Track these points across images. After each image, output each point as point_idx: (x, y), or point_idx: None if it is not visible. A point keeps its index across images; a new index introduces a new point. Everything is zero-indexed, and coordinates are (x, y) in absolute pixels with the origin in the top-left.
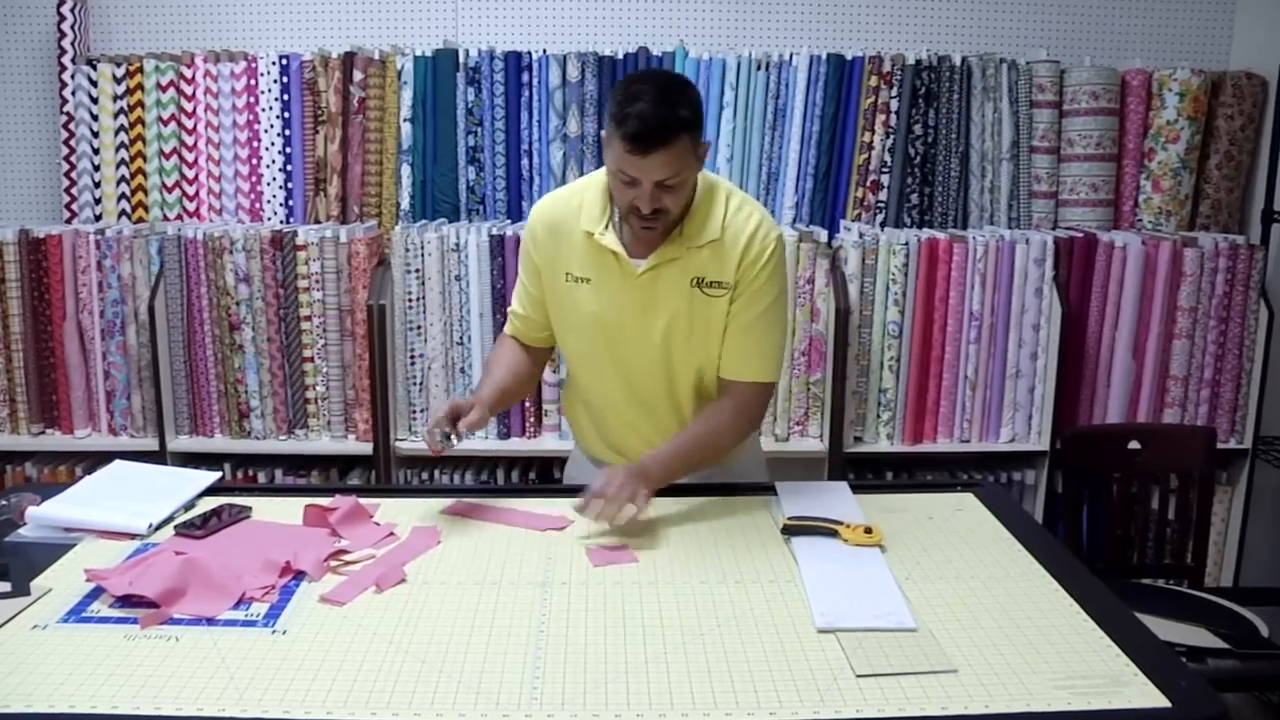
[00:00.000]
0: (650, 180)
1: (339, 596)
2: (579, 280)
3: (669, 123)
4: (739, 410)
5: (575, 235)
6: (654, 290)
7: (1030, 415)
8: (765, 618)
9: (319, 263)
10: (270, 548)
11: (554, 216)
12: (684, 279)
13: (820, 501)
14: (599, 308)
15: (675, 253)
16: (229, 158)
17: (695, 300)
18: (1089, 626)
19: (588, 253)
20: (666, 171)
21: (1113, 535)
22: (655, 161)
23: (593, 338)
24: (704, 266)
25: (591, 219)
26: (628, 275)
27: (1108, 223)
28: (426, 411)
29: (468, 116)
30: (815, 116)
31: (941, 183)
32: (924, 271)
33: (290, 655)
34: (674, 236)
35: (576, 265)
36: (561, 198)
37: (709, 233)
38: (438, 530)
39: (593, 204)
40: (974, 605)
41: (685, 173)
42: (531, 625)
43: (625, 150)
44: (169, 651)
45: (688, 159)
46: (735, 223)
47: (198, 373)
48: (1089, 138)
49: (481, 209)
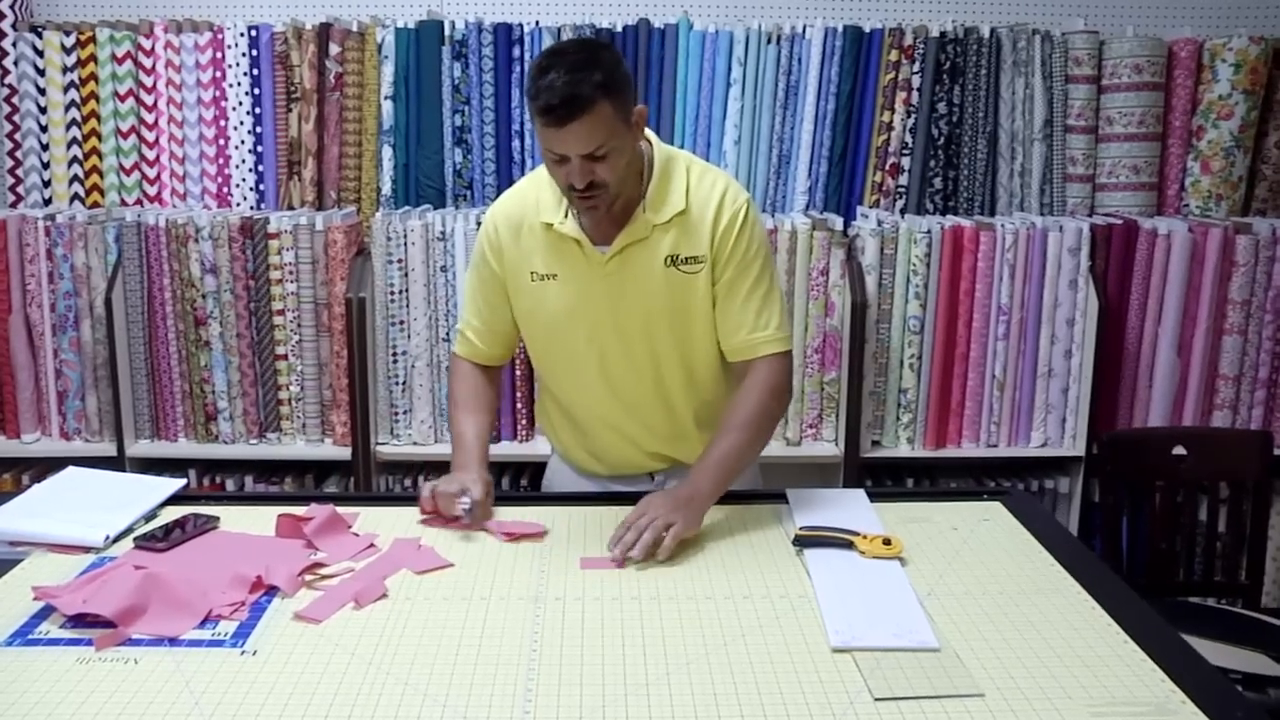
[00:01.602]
0: (575, 153)
1: (315, 614)
2: (544, 278)
3: (581, 90)
4: (766, 390)
5: (535, 230)
6: (624, 276)
7: (1064, 418)
8: (775, 636)
9: (293, 252)
10: (239, 561)
11: (512, 213)
12: (655, 260)
13: (835, 511)
14: (569, 303)
15: (641, 232)
16: (193, 138)
17: (672, 280)
18: (1130, 649)
19: (549, 246)
20: (589, 143)
21: (1156, 549)
22: (574, 133)
23: (566, 338)
24: (675, 243)
25: (549, 209)
26: (594, 264)
27: (1150, 208)
28: (410, 413)
29: (454, 94)
30: (830, 94)
31: (967, 166)
32: (948, 262)
33: (261, 678)
34: (636, 215)
35: (540, 262)
36: (516, 195)
37: (672, 206)
38: (420, 542)
39: (548, 194)
40: (1002, 624)
41: (613, 141)
42: (523, 644)
43: (543, 125)
44: (127, 675)
45: (613, 126)
46: (700, 192)
47: (160, 371)
48: (1130, 115)
49: (469, 194)
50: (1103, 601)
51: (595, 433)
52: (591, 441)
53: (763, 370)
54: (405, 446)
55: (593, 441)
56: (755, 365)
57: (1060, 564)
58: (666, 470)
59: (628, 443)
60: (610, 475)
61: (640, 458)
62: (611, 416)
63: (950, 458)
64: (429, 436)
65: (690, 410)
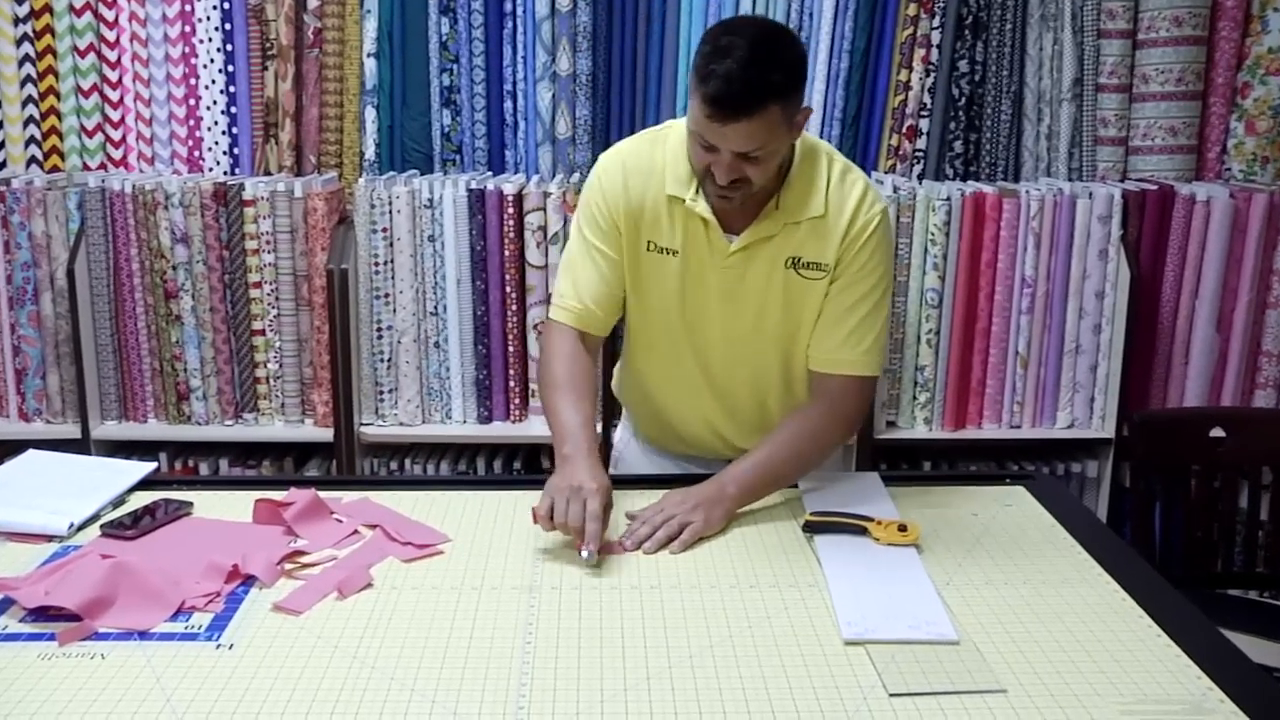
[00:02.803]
0: (730, 149)
1: (295, 604)
2: (665, 251)
3: (757, 89)
4: (833, 413)
5: (659, 198)
6: (745, 270)
7: (1092, 397)
8: (784, 628)
9: (270, 220)
10: (214, 549)
11: (641, 169)
12: (778, 258)
13: (847, 495)
14: (684, 284)
15: (772, 229)
16: (161, 97)
17: (790, 283)
18: (1163, 643)
19: (674, 221)
20: (749, 144)
21: (1192, 538)
22: (738, 131)
23: (671, 318)
24: (801, 245)
25: (679, 182)
26: (717, 252)
27: (1188, 172)
28: (395, 392)
29: (442, 51)
30: (843, 51)
31: (990, 128)
32: (968, 231)
33: (238, 673)
34: (769, 211)
35: (663, 234)
36: (640, 150)
37: (812, 208)
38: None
39: (677, 163)
40: (1026, 615)
41: (773, 144)
42: (517, 636)
43: (704, 114)
44: (93, 672)
45: (776, 130)
46: (838, 195)
47: (127, 348)
48: (1168, 72)
49: (458, 159)
50: (1134, 592)
51: (679, 417)
52: (672, 424)
53: (836, 390)
54: (391, 428)
55: (673, 424)
56: (830, 382)
57: (1088, 552)
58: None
59: (710, 431)
60: (687, 455)
61: (719, 445)
62: (700, 404)
63: (970, 440)
64: (415, 417)
65: (782, 410)
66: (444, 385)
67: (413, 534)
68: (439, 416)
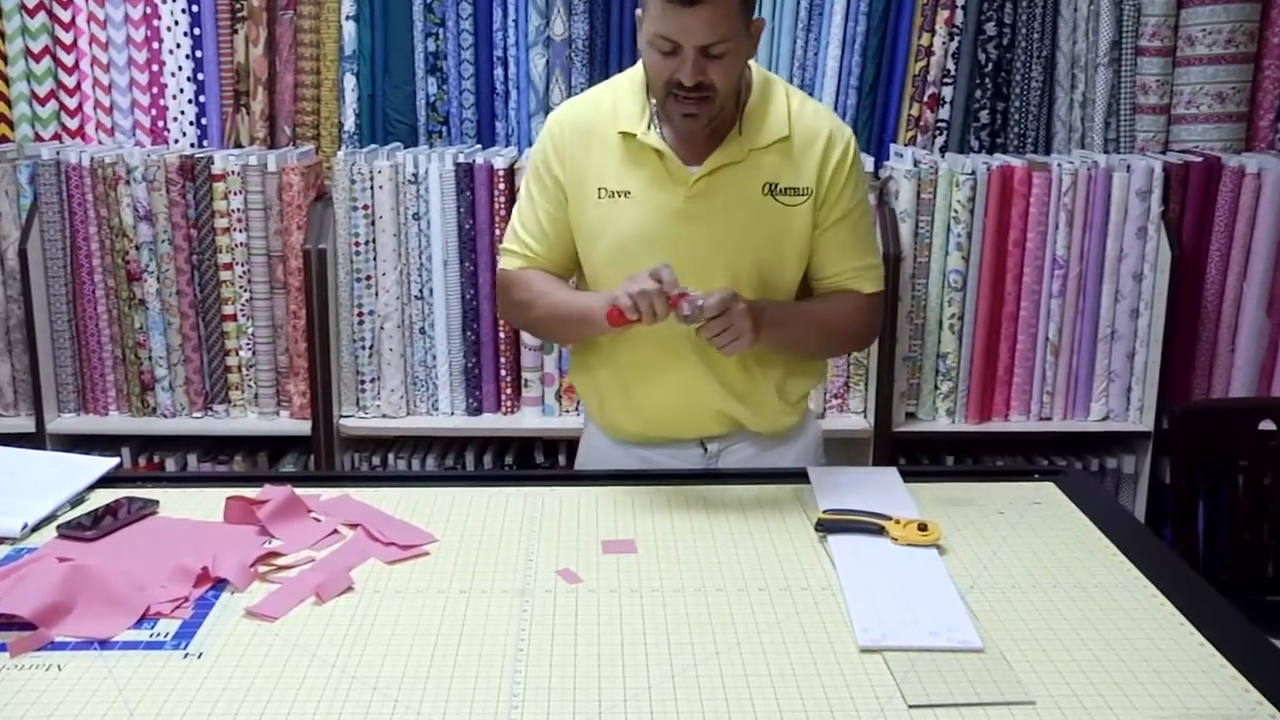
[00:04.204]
0: (693, 44)
1: (269, 610)
2: (616, 195)
3: None
4: (859, 318)
5: (609, 140)
6: (712, 201)
7: (1129, 387)
8: (795, 634)
9: (241, 197)
10: (182, 551)
11: (582, 117)
12: (752, 186)
13: (863, 492)
14: (642, 225)
15: (736, 154)
16: (121, 62)
17: (768, 211)
18: (1206, 652)
19: (625, 160)
20: (712, 32)
21: (1239, 539)
22: (700, 18)
23: (633, 266)
24: (776, 170)
25: (630, 117)
26: (679, 183)
27: (1237, 142)
28: (378, 382)
29: (427, 14)
30: (860, 13)
31: (1019, 96)
32: (995, 208)
33: (207, 685)
34: (732, 136)
35: (611, 177)
36: (587, 100)
37: (773, 130)
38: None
39: (628, 102)
40: (1056, 621)
41: (734, 40)
42: (508, 644)
43: (667, 2)
44: (49, 685)
45: (736, 24)
46: (803, 119)
47: (86, 334)
48: (1216, 33)
49: (445, 130)
50: (1174, 598)
51: (650, 385)
52: (642, 397)
53: (855, 299)
54: (373, 420)
55: (644, 396)
56: (849, 293)
57: (1124, 554)
58: (724, 436)
59: (686, 397)
60: (655, 441)
61: (697, 416)
62: (675, 364)
63: (996, 432)
64: (399, 408)
65: (762, 356)
66: (430, 374)
67: (396, 534)
68: (424, 408)
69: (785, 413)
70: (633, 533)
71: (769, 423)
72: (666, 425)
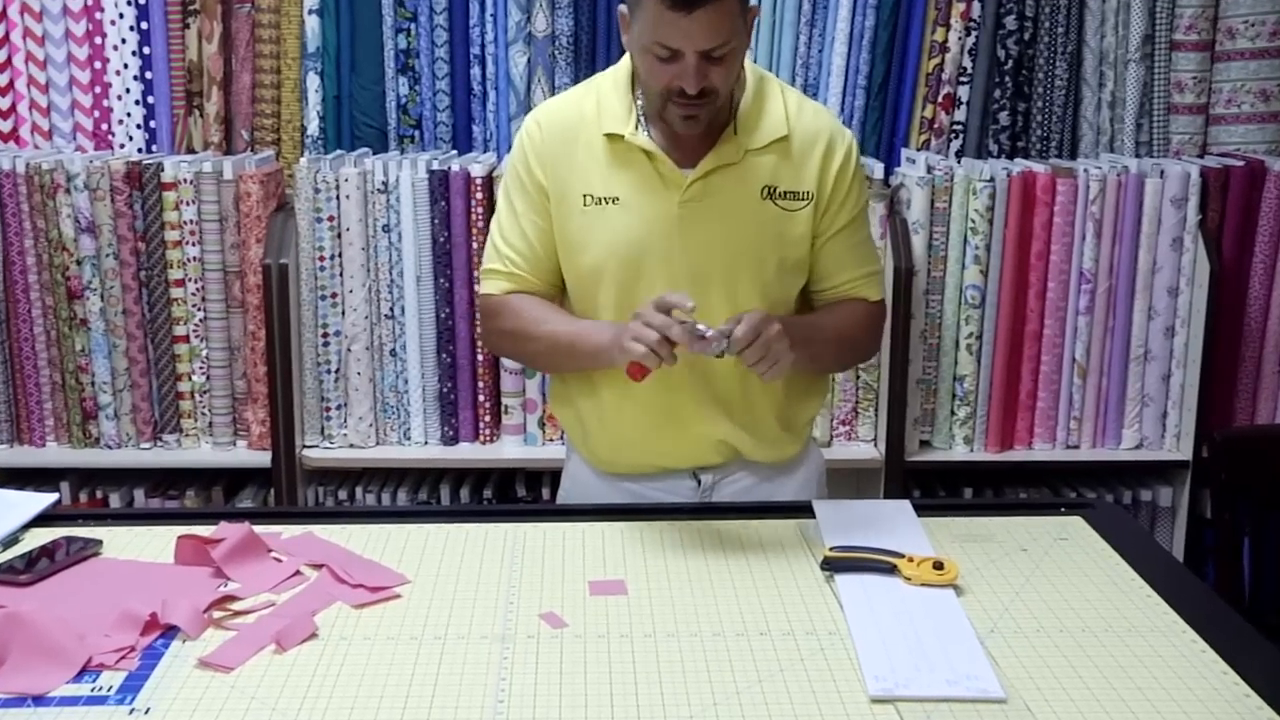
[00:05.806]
0: (695, 49)
1: (225, 659)
2: (603, 201)
3: None
4: (863, 321)
5: (593, 144)
6: (707, 206)
7: (1165, 412)
8: (800, 683)
9: (194, 207)
10: (128, 595)
11: (564, 119)
12: (750, 189)
13: (874, 527)
14: (634, 233)
15: (732, 155)
16: (60, 59)
17: (767, 215)
18: (1252, 704)
19: (612, 164)
20: (714, 36)
21: None
22: (701, 22)
23: (622, 276)
24: (774, 173)
25: (615, 118)
26: (672, 186)
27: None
28: (344, 409)
29: (398, 9)
30: (869, 7)
31: (1042, 95)
32: (1016, 217)
33: None
34: (727, 136)
35: (598, 182)
36: (567, 101)
37: (770, 130)
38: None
39: (612, 101)
40: (1085, 669)
41: (734, 41)
42: (486, 695)
43: (666, 8)
44: None
45: (737, 25)
46: (802, 120)
47: (20, 358)
48: (1259, 25)
49: (417, 135)
50: (1215, 643)
51: (638, 412)
52: (630, 425)
53: (863, 308)
54: (339, 450)
55: (632, 425)
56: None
57: (1160, 595)
58: (719, 467)
59: (678, 425)
60: (645, 473)
61: (690, 445)
62: (665, 389)
63: (1019, 462)
64: (369, 437)
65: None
66: (401, 400)
67: (365, 575)
68: (395, 437)
69: (787, 440)
70: (622, 572)
71: (769, 451)
72: (657, 455)
